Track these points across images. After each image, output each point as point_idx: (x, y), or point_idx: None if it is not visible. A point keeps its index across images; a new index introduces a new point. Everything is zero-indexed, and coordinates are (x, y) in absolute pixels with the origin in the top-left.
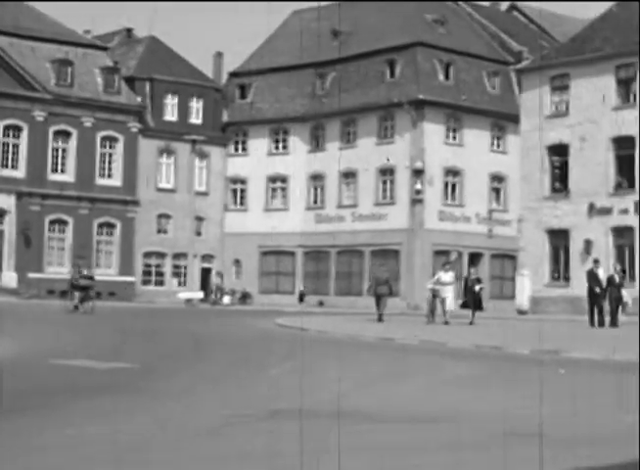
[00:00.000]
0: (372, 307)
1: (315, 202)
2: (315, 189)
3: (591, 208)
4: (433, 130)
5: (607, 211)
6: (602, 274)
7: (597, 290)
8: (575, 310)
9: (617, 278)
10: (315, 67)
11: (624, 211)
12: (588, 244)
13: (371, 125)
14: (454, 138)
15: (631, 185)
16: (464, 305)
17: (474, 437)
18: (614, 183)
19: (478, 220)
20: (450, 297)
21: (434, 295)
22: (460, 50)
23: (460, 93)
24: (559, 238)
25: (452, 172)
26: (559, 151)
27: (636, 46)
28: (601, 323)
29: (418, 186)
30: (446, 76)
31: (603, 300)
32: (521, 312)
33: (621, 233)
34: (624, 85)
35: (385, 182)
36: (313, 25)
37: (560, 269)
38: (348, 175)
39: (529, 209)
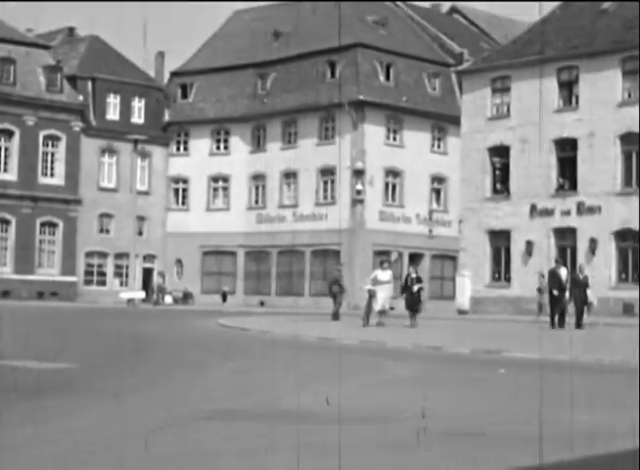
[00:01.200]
0: (313, 308)
1: (256, 202)
2: (256, 189)
3: (533, 209)
4: (373, 131)
5: (548, 213)
6: (564, 275)
7: (555, 292)
8: (516, 311)
9: (581, 278)
10: (256, 67)
11: (566, 213)
12: (529, 245)
13: (312, 126)
14: (395, 139)
15: (573, 187)
16: (406, 307)
17: (413, 436)
18: (555, 185)
19: (418, 221)
20: (387, 297)
21: (371, 296)
22: (400, 51)
23: (400, 94)
24: (500, 239)
25: (393, 173)
26: (500, 152)
27: (578, 49)
28: (561, 324)
29: (358, 186)
30: (387, 78)
31: (569, 301)
32: (461, 312)
33: (563, 234)
34: (566, 88)
35: (325, 182)
36: (254, 26)
37: (501, 270)
38: (289, 175)
39: (470, 209)
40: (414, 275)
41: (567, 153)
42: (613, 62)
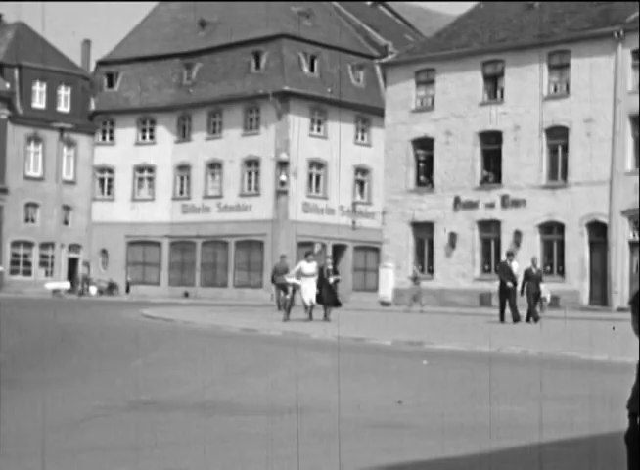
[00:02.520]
0: (237, 299)
1: (181, 192)
2: (181, 179)
3: (456, 201)
4: (297, 122)
5: (472, 205)
6: (516, 268)
7: (509, 284)
8: (440, 302)
9: (535, 271)
10: (182, 57)
11: (490, 205)
12: (453, 237)
13: (236, 116)
14: (319, 130)
15: (498, 180)
16: (319, 300)
17: (335, 427)
18: (480, 177)
19: (341, 212)
20: (313, 290)
21: (294, 289)
22: (325, 43)
23: (325, 86)
24: (423, 231)
25: (317, 164)
26: (424, 144)
27: (503, 43)
28: (516, 319)
29: (282, 178)
30: (311, 69)
31: (522, 294)
32: (384, 304)
33: (487, 226)
34: (491, 81)
35: (250, 173)
36: (181, 15)
37: (424, 262)
38: (214, 166)
39: (393, 201)
40: (330, 267)
41: (491, 146)
42: (539, 56)
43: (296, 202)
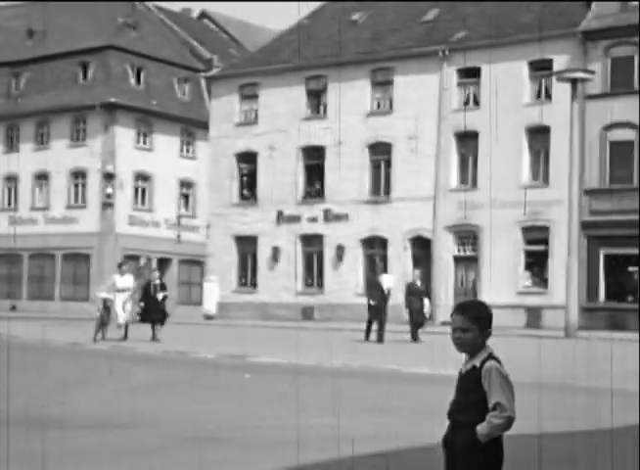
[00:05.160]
0: (63, 312)
1: (8, 204)
2: (9, 190)
3: (279, 215)
4: (123, 134)
5: (295, 219)
6: (386, 282)
7: (371, 302)
8: (263, 316)
9: (418, 286)
10: (10, 66)
11: (313, 220)
12: (276, 251)
13: (64, 127)
14: (145, 143)
15: (320, 194)
16: (143, 318)
17: (159, 442)
18: (302, 192)
19: (167, 225)
20: (128, 306)
21: (107, 305)
22: (151, 55)
23: (151, 98)
24: (247, 244)
25: (142, 177)
26: (247, 159)
27: (326, 59)
28: (380, 339)
29: (109, 190)
30: (137, 81)
31: (406, 308)
32: (208, 318)
33: (310, 241)
34: (315, 97)
35: (77, 185)
36: (9, 24)
37: (248, 276)
38: (41, 177)
39: (218, 215)
40: (157, 281)
41: (314, 160)
42: (362, 72)
43: (121, 214)
